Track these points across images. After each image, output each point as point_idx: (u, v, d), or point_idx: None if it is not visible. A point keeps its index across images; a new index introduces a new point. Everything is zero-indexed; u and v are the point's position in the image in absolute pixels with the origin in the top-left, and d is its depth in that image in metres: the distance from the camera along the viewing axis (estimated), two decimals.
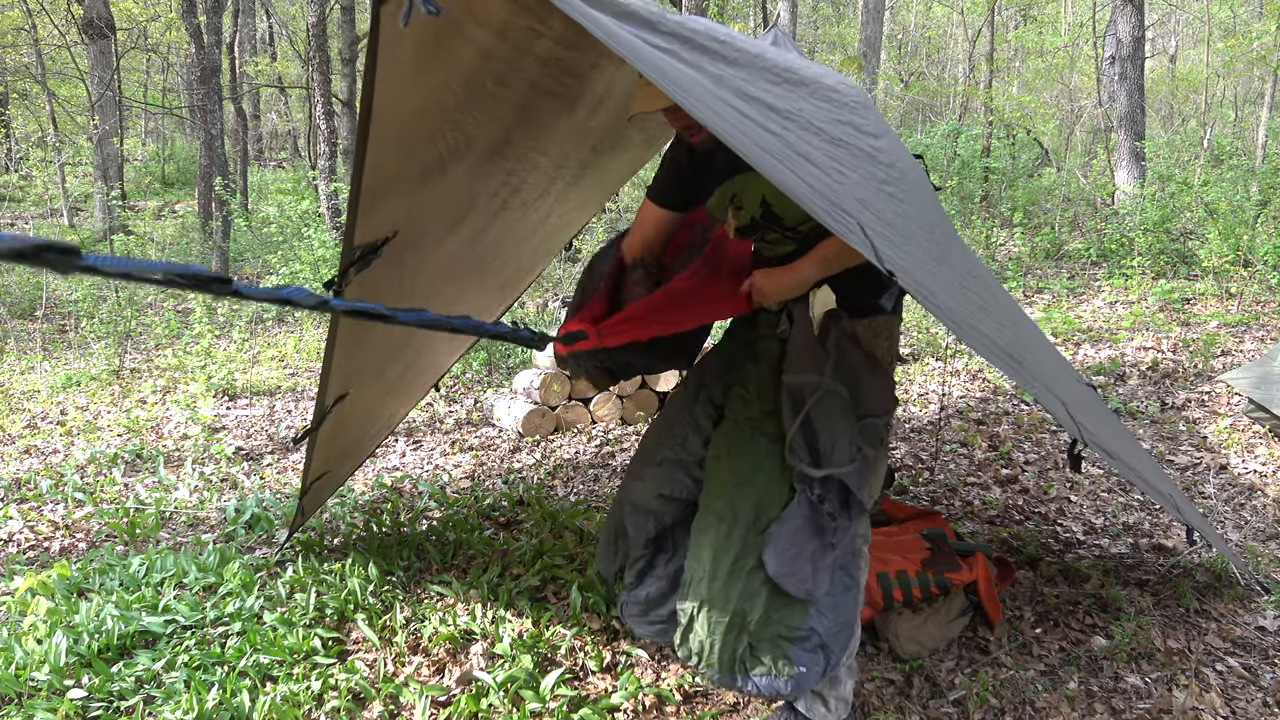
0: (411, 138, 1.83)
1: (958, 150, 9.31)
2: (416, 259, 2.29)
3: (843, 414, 1.77)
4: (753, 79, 1.66)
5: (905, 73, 16.66)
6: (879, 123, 1.89)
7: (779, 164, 1.36)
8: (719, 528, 1.82)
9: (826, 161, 1.56)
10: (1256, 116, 12.17)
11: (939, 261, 1.68)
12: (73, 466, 4.21)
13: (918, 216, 1.74)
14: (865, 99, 1.93)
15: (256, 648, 2.39)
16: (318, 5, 9.31)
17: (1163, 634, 2.42)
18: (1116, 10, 8.96)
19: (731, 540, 1.79)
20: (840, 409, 1.77)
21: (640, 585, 2.03)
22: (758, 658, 1.78)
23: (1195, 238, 7.21)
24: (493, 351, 5.98)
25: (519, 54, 1.80)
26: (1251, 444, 3.83)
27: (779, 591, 1.76)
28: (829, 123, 1.71)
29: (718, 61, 1.63)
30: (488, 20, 1.63)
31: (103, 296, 8.14)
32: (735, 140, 1.30)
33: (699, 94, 1.40)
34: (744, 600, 1.76)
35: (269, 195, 14.25)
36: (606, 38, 1.27)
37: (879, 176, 1.70)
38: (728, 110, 1.44)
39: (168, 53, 17.87)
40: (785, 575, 1.73)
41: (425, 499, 3.64)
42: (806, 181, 1.40)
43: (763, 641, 1.77)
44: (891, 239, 1.49)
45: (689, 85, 1.40)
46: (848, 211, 1.40)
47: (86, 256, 0.98)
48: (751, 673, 1.78)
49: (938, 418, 4.45)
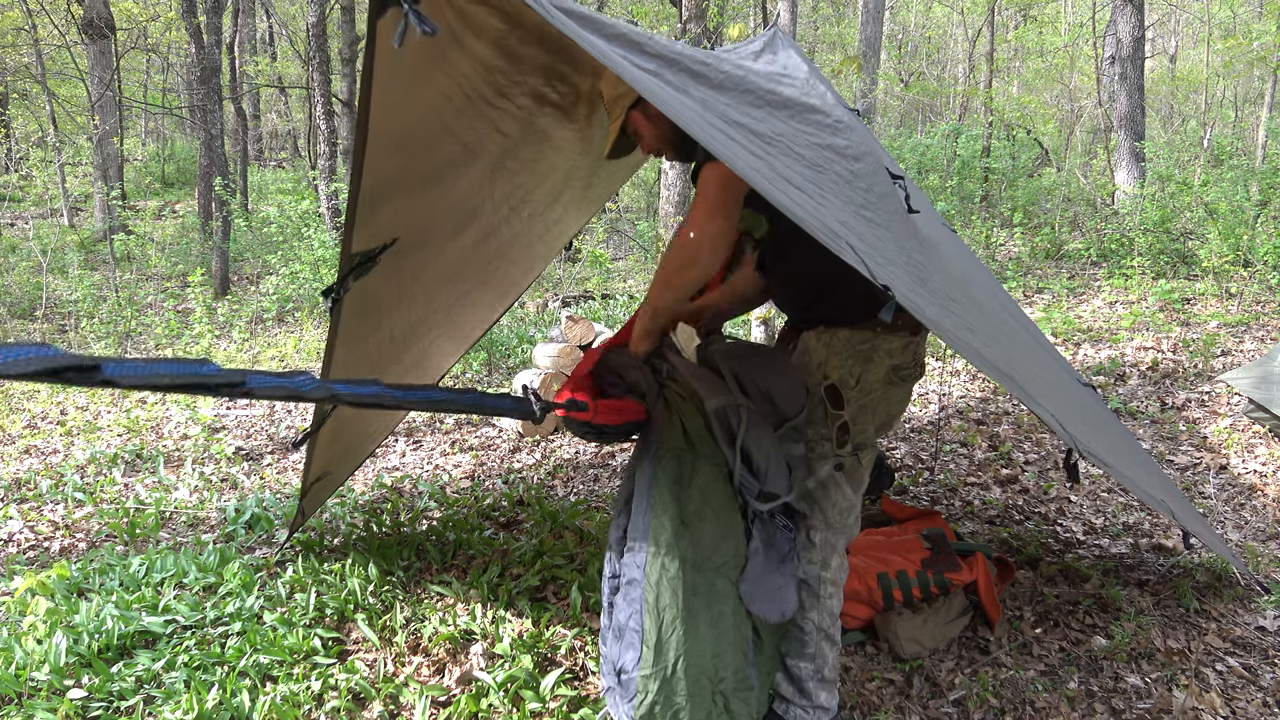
0: (410, 147, 1.83)
1: (958, 150, 9.31)
2: (417, 264, 2.29)
3: (765, 432, 1.79)
4: (736, 103, 1.69)
5: (905, 73, 16.66)
6: (860, 143, 1.92)
7: (771, 186, 1.39)
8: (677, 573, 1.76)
9: (809, 187, 1.60)
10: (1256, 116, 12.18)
11: (920, 284, 1.69)
12: (73, 466, 4.21)
13: (894, 240, 1.76)
14: (847, 117, 1.95)
15: (256, 648, 2.39)
16: (318, 5, 9.30)
17: (1163, 634, 2.42)
18: (1116, 10, 8.96)
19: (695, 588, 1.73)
20: (761, 427, 1.79)
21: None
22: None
23: (1195, 238, 7.21)
24: (493, 352, 5.98)
25: (517, 66, 1.80)
26: (1251, 444, 3.83)
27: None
28: (809, 147, 1.75)
29: (702, 84, 1.66)
30: (483, 34, 1.64)
31: (103, 296, 8.15)
32: (731, 160, 1.34)
33: (689, 117, 1.43)
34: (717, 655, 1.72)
35: (269, 195, 14.26)
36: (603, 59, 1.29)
37: (857, 200, 1.73)
38: (716, 134, 1.46)
39: (168, 53, 17.88)
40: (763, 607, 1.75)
41: (425, 499, 3.64)
42: (796, 202, 1.43)
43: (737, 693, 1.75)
44: (876, 259, 1.51)
45: (678, 108, 1.42)
46: (835, 232, 1.43)
47: (106, 368, 0.99)
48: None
49: (938, 418, 4.45)
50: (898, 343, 1.91)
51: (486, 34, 1.64)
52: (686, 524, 1.73)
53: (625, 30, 1.56)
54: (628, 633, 1.71)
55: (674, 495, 1.74)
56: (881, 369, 1.90)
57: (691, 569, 1.70)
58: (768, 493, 1.76)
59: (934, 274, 1.85)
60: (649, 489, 1.77)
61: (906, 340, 1.92)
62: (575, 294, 7.84)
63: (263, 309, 7.71)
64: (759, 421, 1.79)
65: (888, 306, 1.38)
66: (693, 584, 1.69)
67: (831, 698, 1.97)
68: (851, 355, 1.89)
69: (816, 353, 1.93)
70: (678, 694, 1.64)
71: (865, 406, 1.91)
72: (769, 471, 1.75)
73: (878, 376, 1.90)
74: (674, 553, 1.69)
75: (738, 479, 1.74)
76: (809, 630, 1.94)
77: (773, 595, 1.76)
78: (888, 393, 1.93)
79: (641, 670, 1.66)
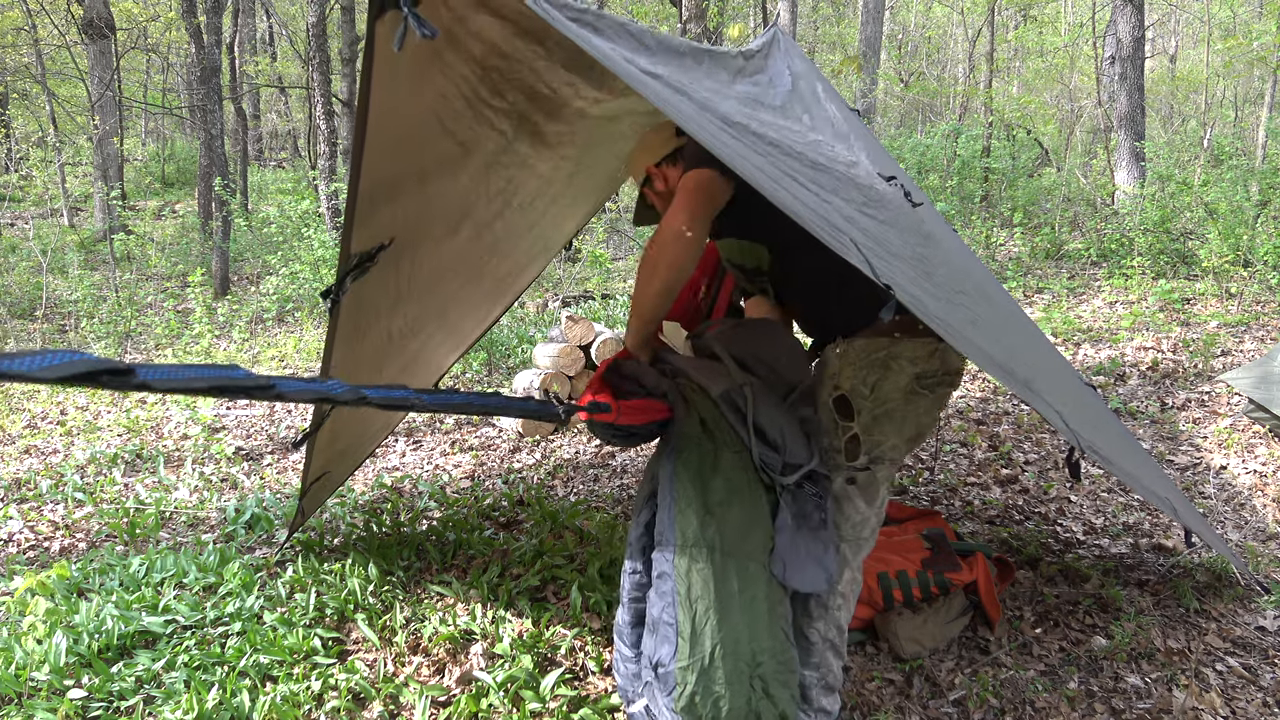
0: (408, 147, 1.84)
1: (958, 150, 9.32)
2: (412, 263, 2.30)
3: (774, 403, 1.80)
4: (735, 106, 1.69)
5: (905, 73, 16.67)
6: (856, 144, 1.92)
7: (775, 185, 1.39)
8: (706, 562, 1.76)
9: (813, 185, 1.59)
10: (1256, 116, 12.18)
11: (925, 279, 1.69)
12: (73, 466, 4.21)
13: (899, 235, 1.76)
14: (846, 118, 1.97)
15: (256, 648, 2.39)
16: (318, 5, 9.30)
17: (1163, 634, 2.42)
18: (1116, 10, 8.96)
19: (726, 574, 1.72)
20: (768, 399, 1.80)
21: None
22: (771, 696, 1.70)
23: (1195, 238, 7.21)
24: (493, 352, 5.98)
25: (515, 66, 1.81)
26: (1251, 444, 3.83)
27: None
28: (808, 145, 1.75)
29: (699, 87, 1.66)
30: (482, 36, 1.64)
31: (103, 296, 8.15)
32: (732, 160, 1.33)
33: (689, 115, 1.43)
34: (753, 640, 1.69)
35: (269, 195, 14.26)
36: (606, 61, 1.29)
37: (858, 198, 1.73)
38: (721, 134, 1.46)
39: (168, 53, 17.88)
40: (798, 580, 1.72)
41: (425, 499, 3.64)
42: (800, 200, 1.43)
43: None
44: (882, 255, 1.51)
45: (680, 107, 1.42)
46: (839, 229, 1.43)
47: (139, 372, 0.99)
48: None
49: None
50: (922, 349, 1.82)
51: (484, 34, 1.64)
52: (712, 513, 1.72)
53: (626, 28, 1.56)
54: (661, 626, 1.71)
55: (697, 487, 1.74)
56: (903, 377, 1.82)
57: (721, 556, 1.70)
58: (791, 464, 1.75)
59: (939, 266, 1.84)
60: (671, 483, 1.76)
61: (933, 346, 1.82)
62: (575, 294, 7.84)
63: (263, 309, 7.71)
64: (766, 396, 1.80)
65: (888, 305, 1.36)
66: (723, 572, 1.68)
67: (834, 703, 1.97)
68: (866, 364, 1.84)
69: (831, 364, 1.90)
70: (716, 683, 1.64)
71: (881, 417, 1.85)
72: (787, 444, 1.74)
73: (898, 385, 1.82)
74: (701, 543, 1.69)
75: (758, 457, 1.73)
76: (814, 640, 1.91)
77: (814, 563, 1.72)
78: (911, 402, 1.84)
79: (679, 663, 1.66)
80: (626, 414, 1.81)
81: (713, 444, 1.75)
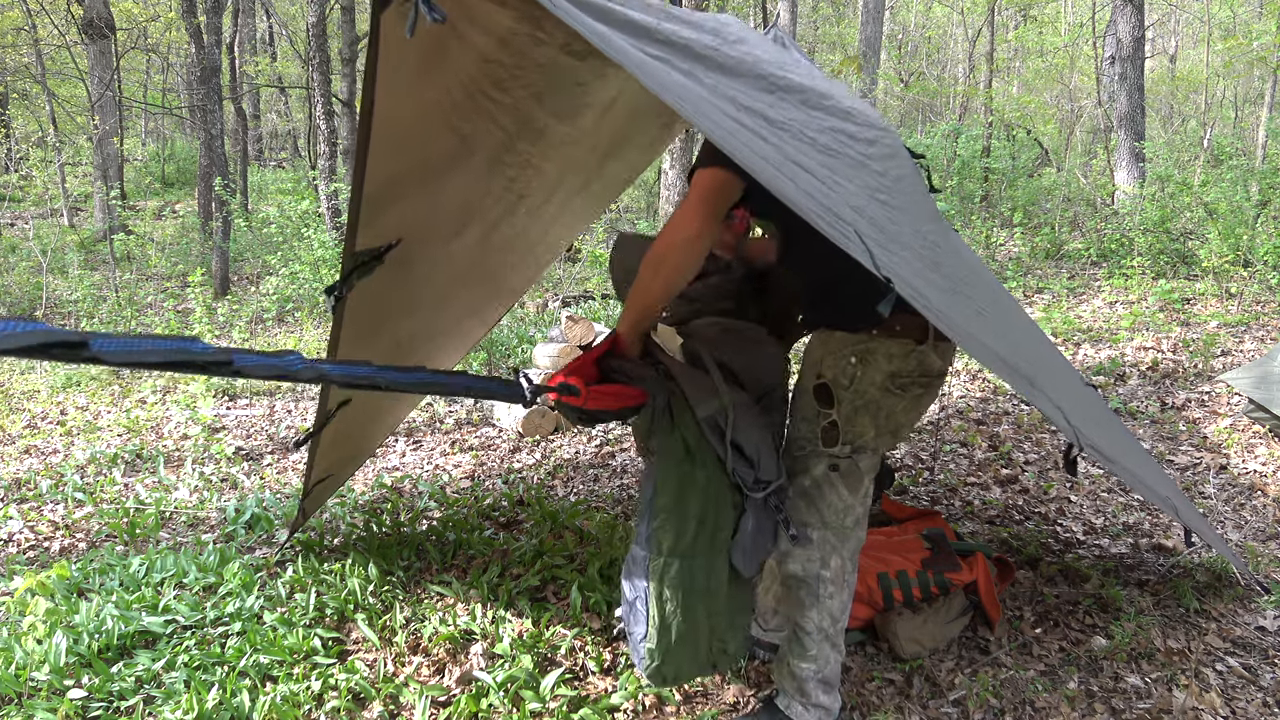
0: (412, 144, 1.83)
1: (958, 150, 9.32)
2: (423, 265, 2.29)
3: (752, 419, 1.87)
4: (746, 88, 1.68)
5: (905, 73, 16.67)
6: (871, 127, 1.89)
7: (778, 173, 1.38)
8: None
9: (822, 171, 1.57)
10: (1256, 116, 12.18)
11: (933, 269, 1.68)
12: (73, 466, 4.21)
13: (911, 223, 1.74)
14: (857, 103, 1.95)
15: (256, 648, 2.39)
16: (318, 5, 9.30)
17: (1163, 634, 2.42)
18: (1116, 10, 8.96)
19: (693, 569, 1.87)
20: (748, 415, 1.87)
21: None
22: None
23: (1195, 238, 7.21)
24: (493, 352, 5.98)
25: (520, 60, 1.80)
26: (1251, 444, 3.83)
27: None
28: (821, 131, 1.73)
29: (711, 70, 1.64)
30: (488, 26, 1.63)
31: (103, 296, 8.15)
32: (735, 150, 1.31)
33: (695, 101, 1.41)
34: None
35: (269, 195, 14.25)
36: (605, 46, 1.28)
37: (871, 184, 1.71)
38: (725, 120, 1.45)
39: (168, 53, 17.88)
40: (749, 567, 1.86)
41: (425, 499, 3.64)
42: (804, 189, 1.41)
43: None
44: (887, 246, 1.50)
45: (686, 94, 1.41)
46: (844, 219, 1.41)
47: (93, 344, 0.98)
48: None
49: (938, 418, 4.45)
50: (898, 349, 1.83)
51: (488, 25, 1.63)
52: (687, 527, 1.83)
53: (633, 15, 1.54)
54: (636, 608, 1.89)
55: (676, 506, 1.83)
56: (879, 374, 1.84)
57: (691, 560, 1.83)
58: (762, 480, 1.83)
59: (948, 256, 1.84)
60: (651, 502, 1.87)
61: (910, 347, 1.83)
62: (575, 294, 7.84)
63: (263, 309, 7.70)
64: (746, 412, 1.87)
65: (887, 299, 1.34)
66: (691, 574, 1.83)
67: (834, 700, 1.98)
68: (844, 356, 1.87)
69: (814, 350, 1.94)
70: (680, 657, 1.86)
71: (860, 409, 1.87)
72: (761, 460, 1.84)
73: (874, 381, 1.85)
74: (675, 554, 1.82)
75: (731, 470, 1.83)
76: (810, 630, 1.94)
77: (762, 552, 1.89)
78: (886, 400, 1.86)
79: (648, 645, 1.85)
80: (594, 399, 1.82)
81: (691, 465, 1.85)
